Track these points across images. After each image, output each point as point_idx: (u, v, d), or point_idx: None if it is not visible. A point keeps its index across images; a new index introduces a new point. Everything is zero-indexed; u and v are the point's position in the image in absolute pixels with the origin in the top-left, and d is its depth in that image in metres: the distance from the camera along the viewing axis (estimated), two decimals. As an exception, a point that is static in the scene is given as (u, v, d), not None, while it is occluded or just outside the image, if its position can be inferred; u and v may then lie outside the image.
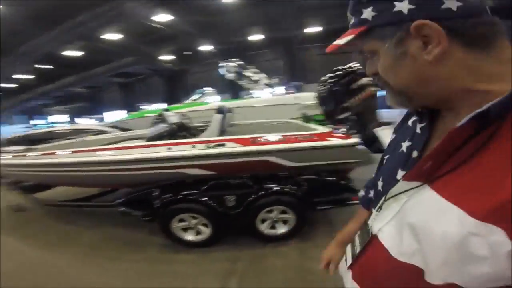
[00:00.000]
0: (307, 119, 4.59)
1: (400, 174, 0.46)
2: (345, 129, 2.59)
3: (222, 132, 2.81)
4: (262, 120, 3.86)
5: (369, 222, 0.49)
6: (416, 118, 0.49)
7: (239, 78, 7.52)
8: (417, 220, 0.38)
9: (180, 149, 2.41)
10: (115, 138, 3.74)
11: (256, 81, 7.00)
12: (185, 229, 2.50)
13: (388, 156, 0.54)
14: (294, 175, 2.51)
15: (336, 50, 0.45)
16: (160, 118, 3.20)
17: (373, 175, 0.63)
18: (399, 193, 0.42)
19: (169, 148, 2.41)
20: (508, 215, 0.30)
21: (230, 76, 7.37)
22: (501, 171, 0.32)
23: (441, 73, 0.38)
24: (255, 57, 17.21)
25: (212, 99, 8.20)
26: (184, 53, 16.25)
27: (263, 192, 2.37)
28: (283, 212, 2.42)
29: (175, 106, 6.77)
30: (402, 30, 0.38)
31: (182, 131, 3.17)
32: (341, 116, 3.57)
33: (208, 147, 2.35)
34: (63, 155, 2.72)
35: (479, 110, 0.33)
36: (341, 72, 3.85)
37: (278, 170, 2.48)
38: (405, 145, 0.48)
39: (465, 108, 0.37)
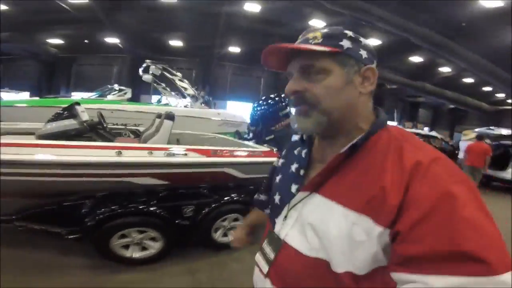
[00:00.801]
0: (239, 135, 4.95)
1: (293, 188, 0.56)
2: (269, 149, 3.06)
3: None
4: (187, 131, 3.82)
5: (275, 231, 0.56)
6: (300, 148, 0.62)
7: (156, 82, 7.01)
8: (314, 219, 0.48)
9: (133, 154, 2.20)
10: None
11: (181, 89, 6.76)
12: (126, 246, 2.25)
13: (280, 176, 0.64)
14: (242, 185, 2.77)
15: (279, 52, 0.51)
16: (68, 112, 2.61)
17: (263, 184, 0.82)
18: (297, 203, 0.52)
19: (119, 152, 2.14)
20: (373, 206, 0.41)
21: (147, 78, 6.70)
22: (366, 177, 0.44)
23: (359, 107, 0.51)
24: (167, 62, 16.55)
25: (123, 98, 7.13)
26: (86, 41, 13.67)
27: (222, 201, 2.48)
28: (235, 219, 2.60)
29: (89, 100, 5.61)
30: (358, 66, 0.50)
31: (92, 132, 2.76)
32: (267, 138, 4.21)
33: (168, 155, 2.28)
34: None
35: (353, 142, 0.48)
36: (272, 101, 4.56)
37: (231, 180, 2.67)
38: (293, 167, 0.60)
39: (341, 138, 0.51)
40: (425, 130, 11.76)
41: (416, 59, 13.55)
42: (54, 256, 2.23)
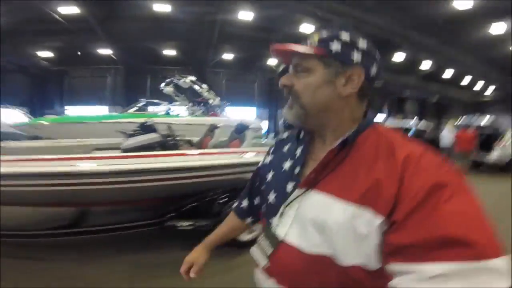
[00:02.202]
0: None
1: (289, 185, 0.55)
2: None
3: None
4: None
5: (272, 229, 0.55)
6: (290, 144, 0.63)
7: (176, 94, 7.50)
8: (313, 215, 0.48)
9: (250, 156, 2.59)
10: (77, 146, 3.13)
11: (209, 99, 7.40)
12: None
13: (272, 174, 0.62)
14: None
15: (284, 53, 0.56)
16: (149, 127, 2.97)
17: (245, 189, 0.76)
18: (293, 200, 0.53)
19: (241, 156, 2.55)
20: (371, 196, 0.43)
21: (168, 90, 7.22)
22: (360, 170, 0.46)
23: (339, 106, 0.53)
24: (162, 71, 16.77)
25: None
26: (79, 53, 13.64)
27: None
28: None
29: (143, 115, 6.24)
30: (343, 68, 0.51)
31: (169, 143, 3.13)
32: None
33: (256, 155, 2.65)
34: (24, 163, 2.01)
35: (344, 137, 0.50)
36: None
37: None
38: (287, 165, 0.59)
39: (330, 136, 0.54)
40: (413, 123, 12.37)
41: (399, 56, 14.33)
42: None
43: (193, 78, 7.58)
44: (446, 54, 12.63)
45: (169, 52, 14.63)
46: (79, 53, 13.76)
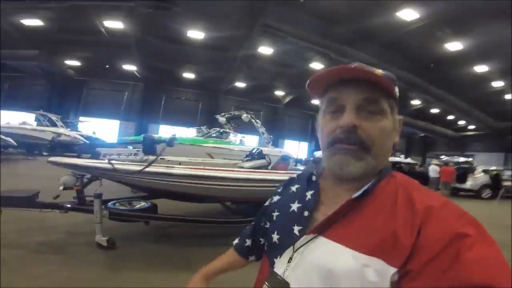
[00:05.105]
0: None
1: (296, 229, 0.52)
2: None
3: None
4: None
5: (278, 271, 0.51)
6: (299, 185, 0.60)
7: (226, 124, 9.61)
8: (321, 263, 0.45)
9: None
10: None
11: (261, 132, 9.52)
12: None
13: (278, 213, 0.59)
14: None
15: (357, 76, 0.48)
16: (260, 154, 4.53)
17: (249, 228, 0.71)
18: (301, 246, 0.49)
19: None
20: (385, 249, 0.41)
21: (222, 120, 9.17)
22: (375, 221, 0.44)
23: (390, 152, 0.52)
24: (176, 92, 17.94)
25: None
26: (107, 66, 14.81)
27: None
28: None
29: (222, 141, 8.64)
30: (397, 114, 0.52)
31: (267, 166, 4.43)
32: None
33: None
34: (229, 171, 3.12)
35: (365, 187, 0.47)
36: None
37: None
38: (295, 206, 0.56)
39: (356, 183, 0.48)
40: (401, 158, 13.79)
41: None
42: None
43: (251, 113, 9.77)
44: (434, 93, 14.61)
45: (188, 75, 15.86)
46: (107, 66, 14.70)
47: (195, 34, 11.00)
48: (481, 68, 11.91)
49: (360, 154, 0.46)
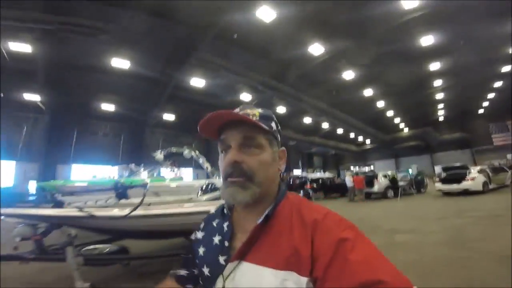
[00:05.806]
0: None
1: (221, 259, 0.57)
2: None
3: None
4: None
5: None
6: (218, 220, 0.65)
7: (164, 161, 8.99)
8: (250, 286, 0.50)
9: None
10: None
11: (206, 167, 9.12)
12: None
13: (204, 249, 0.64)
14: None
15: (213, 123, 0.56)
16: (214, 185, 4.71)
17: (183, 259, 0.72)
18: (230, 273, 0.54)
19: None
20: (293, 262, 0.48)
21: (159, 157, 8.64)
22: (280, 239, 0.51)
23: (277, 182, 0.60)
24: (92, 126, 15.54)
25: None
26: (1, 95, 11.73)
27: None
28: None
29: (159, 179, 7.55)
30: (278, 146, 0.60)
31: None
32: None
33: None
34: None
35: (266, 213, 0.55)
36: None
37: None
38: (217, 239, 0.61)
39: (259, 208, 0.56)
40: (322, 173, 16.07)
41: (307, 120, 19.18)
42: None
43: (194, 149, 9.59)
44: (337, 116, 17.98)
45: (107, 106, 14.10)
46: (1, 95, 11.84)
47: (120, 62, 10.29)
48: (368, 92, 15.78)
49: (245, 184, 0.53)
